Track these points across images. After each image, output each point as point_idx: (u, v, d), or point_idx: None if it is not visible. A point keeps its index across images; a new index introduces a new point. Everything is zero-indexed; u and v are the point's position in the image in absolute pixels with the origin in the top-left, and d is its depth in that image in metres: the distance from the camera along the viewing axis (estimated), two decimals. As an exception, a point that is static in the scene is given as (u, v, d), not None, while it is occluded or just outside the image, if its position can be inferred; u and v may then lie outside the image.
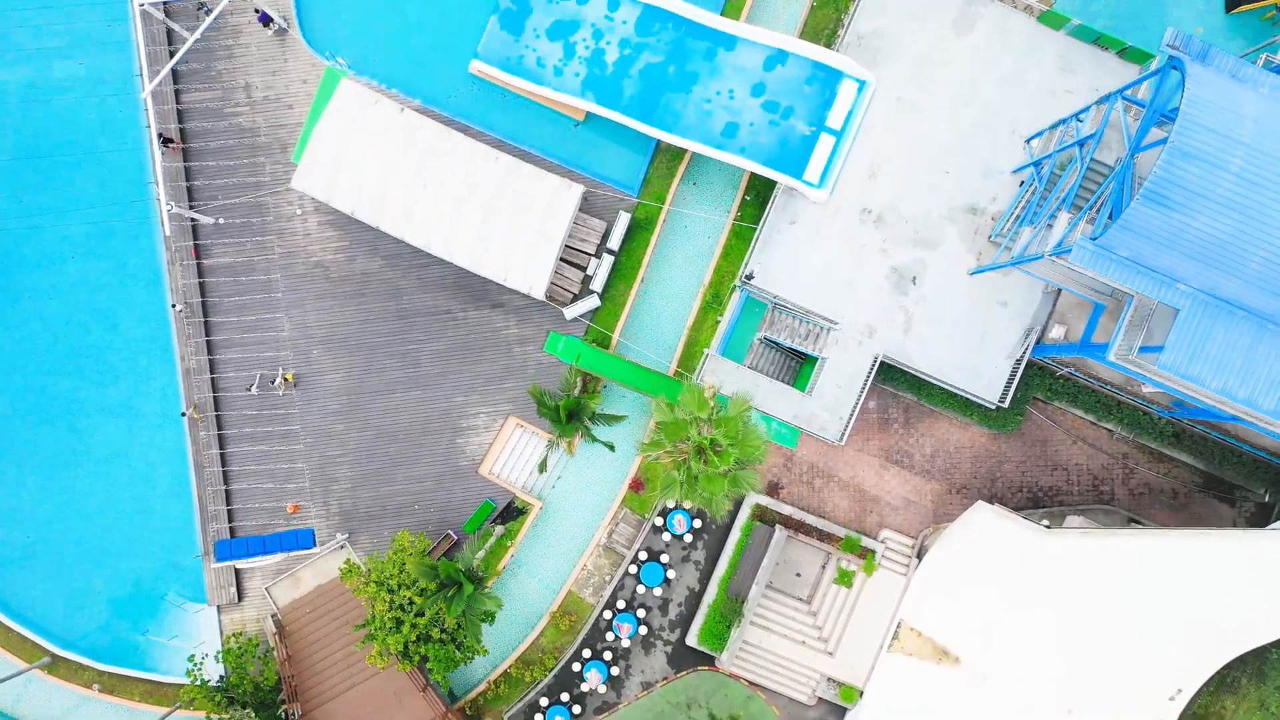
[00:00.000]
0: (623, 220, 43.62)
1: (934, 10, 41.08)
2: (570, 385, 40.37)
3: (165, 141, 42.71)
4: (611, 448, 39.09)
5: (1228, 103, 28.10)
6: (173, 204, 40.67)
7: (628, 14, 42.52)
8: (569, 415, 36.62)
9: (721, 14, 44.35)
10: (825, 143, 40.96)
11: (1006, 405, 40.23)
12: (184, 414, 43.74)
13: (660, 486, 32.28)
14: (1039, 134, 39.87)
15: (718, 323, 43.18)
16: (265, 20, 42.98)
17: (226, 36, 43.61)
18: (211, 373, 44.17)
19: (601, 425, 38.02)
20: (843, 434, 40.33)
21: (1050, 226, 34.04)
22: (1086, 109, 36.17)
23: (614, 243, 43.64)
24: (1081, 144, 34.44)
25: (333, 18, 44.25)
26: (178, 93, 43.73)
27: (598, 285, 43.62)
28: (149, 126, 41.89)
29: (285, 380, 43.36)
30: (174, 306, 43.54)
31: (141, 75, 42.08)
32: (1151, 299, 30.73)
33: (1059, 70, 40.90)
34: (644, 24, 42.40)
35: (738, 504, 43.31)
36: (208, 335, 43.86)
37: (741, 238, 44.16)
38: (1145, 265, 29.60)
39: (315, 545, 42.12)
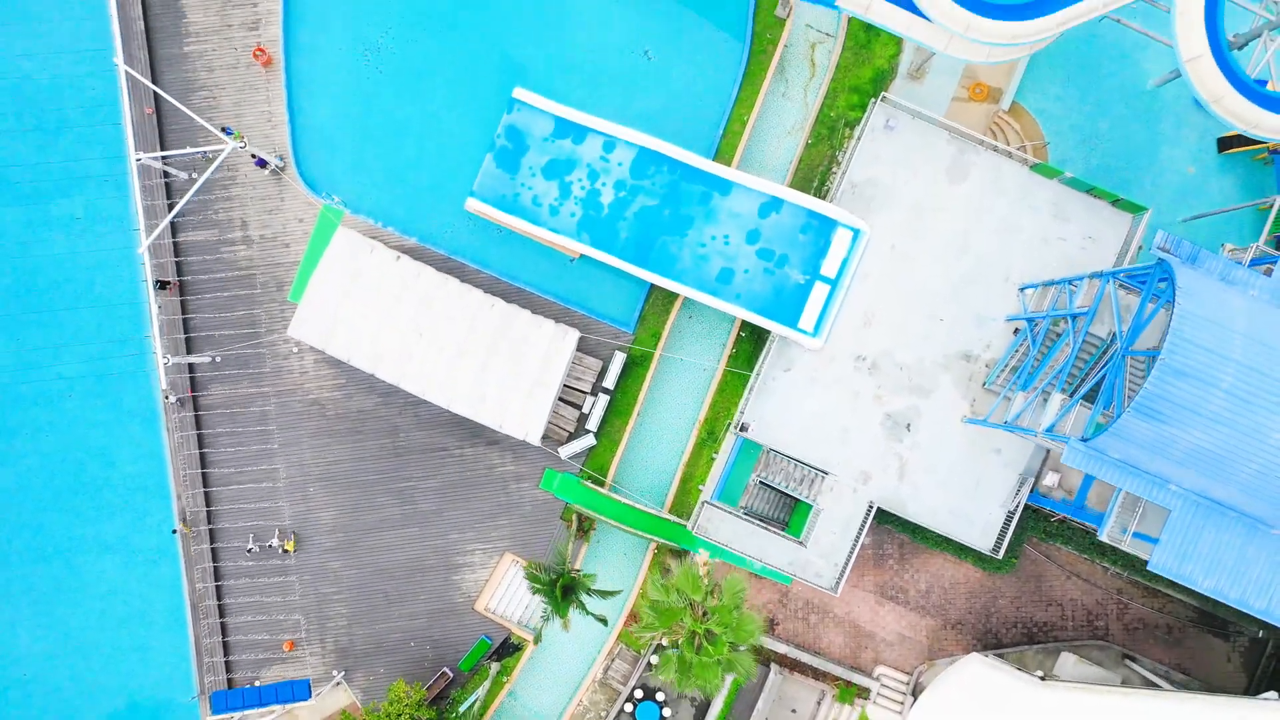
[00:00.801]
0: (618, 360, 43.79)
1: (927, 159, 41.30)
2: (563, 558, 40.52)
3: (161, 285, 42.84)
4: (604, 622, 39.31)
5: (1218, 314, 28.28)
6: (169, 356, 40.78)
7: (623, 156, 42.69)
8: (564, 591, 36.81)
9: (716, 151, 44.76)
10: (820, 291, 41.14)
11: (1001, 556, 40.38)
12: (174, 531, 43.78)
13: (659, 669, 32.40)
14: (1033, 285, 40.07)
15: (713, 459, 43.33)
16: (261, 164, 43.12)
17: (223, 175, 43.74)
18: (208, 509, 44.26)
19: (596, 599, 38.23)
20: (838, 583, 40.43)
21: (1044, 402, 34.20)
22: (1080, 278, 36.34)
23: (609, 382, 43.80)
24: (1074, 317, 34.64)
25: (329, 155, 44.41)
26: (174, 229, 43.80)
27: (593, 424, 43.77)
28: (145, 280, 42.04)
29: (285, 550, 43.60)
30: (171, 439, 43.73)
31: (139, 230, 42.20)
32: (1144, 492, 30.92)
33: (1053, 218, 41.12)
34: (639, 166, 42.57)
35: (733, 643, 43.41)
36: (205, 477, 43.95)
37: (738, 374, 44.33)
38: (1137, 468, 29.73)
39: (310, 697, 42.18)
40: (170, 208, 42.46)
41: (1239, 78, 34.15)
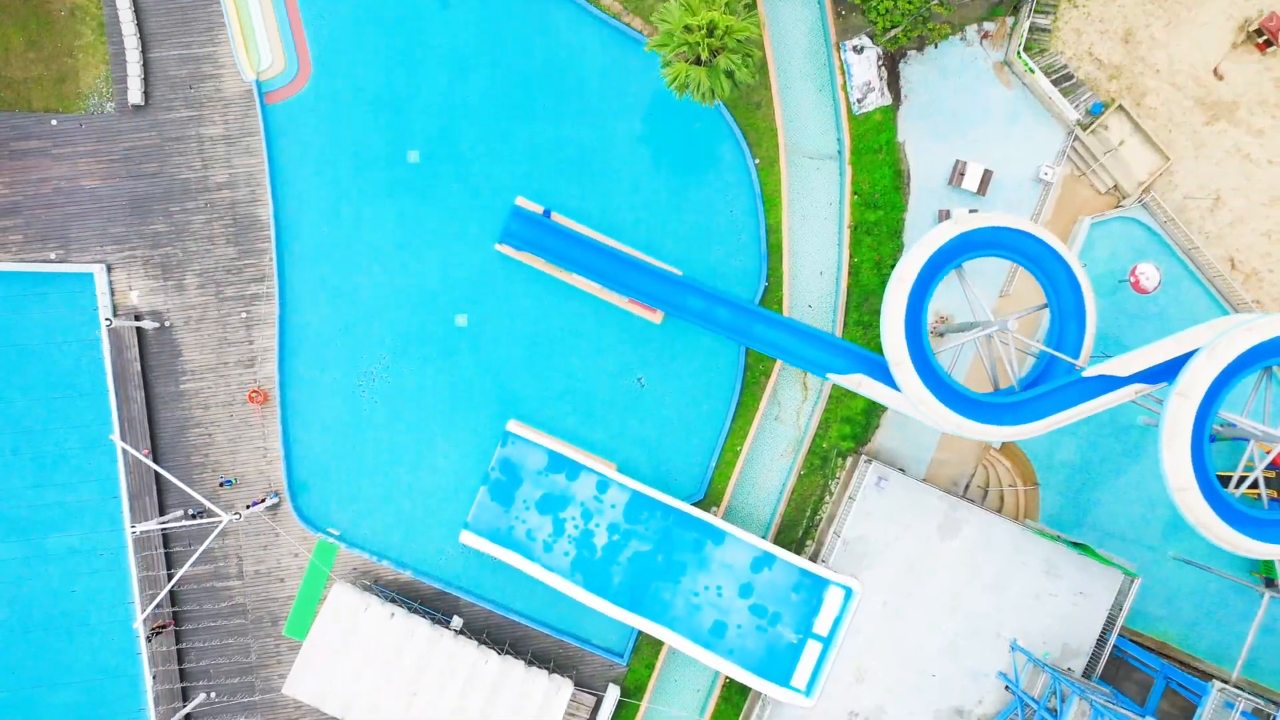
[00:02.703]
0: (612, 695, 43.82)
1: (918, 515, 41.58)
2: None
3: (157, 631, 42.93)
4: None
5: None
6: (164, 705, 40.89)
7: (617, 497, 42.93)
8: None
9: (710, 479, 44.95)
10: (813, 649, 41.29)
11: None
12: None
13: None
14: (1025, 652, 40.28)
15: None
16: (255, 505, 43.31)
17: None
18: (201, 840, 44.20)
19: None
20: None
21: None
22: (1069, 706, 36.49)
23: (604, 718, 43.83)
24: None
25: (323, 487, 44.59)
26: (169, 561, 43.89)
27: (587, 763, 43.77)
28: (140, 639, 42.23)
29: None
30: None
31: (134, 603, 42.39)
32: None
33: (1044, 574, 41.38)
34: (633, 510, 42.80)
35: None
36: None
37: (731, 702, 44.46)
38: None
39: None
40: (169, 561, 42.64)
41: (1226, 505, 34.42)
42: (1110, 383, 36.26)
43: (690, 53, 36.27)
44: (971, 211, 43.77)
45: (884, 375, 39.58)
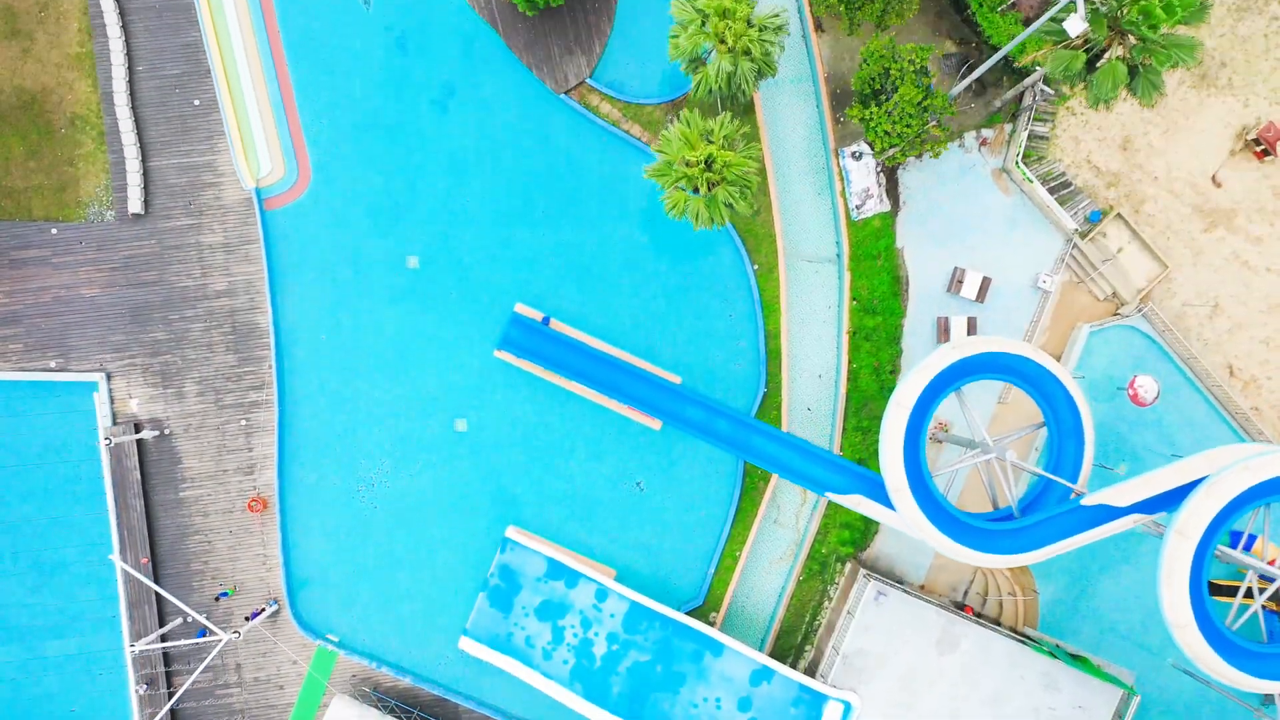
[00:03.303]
0: (611, 808, 43.73)
1: (917, 631, 41.58)
2: None
3: (156, 746, 43.01)
4: None
5: None
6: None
7: (615, 607, 42.95)
8: None
9: (709, 584, 44.95)
10: (813, 767, 41.28)
11: None
12: None
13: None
14: (1023, 768, 40.29)
15: None
16: (255, 616, 43.35)
17: (218, 623, 43.88)
18: None
19: None
20: None
21: None
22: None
23: (603, 829, 43.74)
24: None
25: (322, 593, 44.59)
26: (166, 659, 43.92)
27: None
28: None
29: None
30: None
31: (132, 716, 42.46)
32: None
33: (1043, 688, 41.37)
34: (631, 619, 42.81)
35: None
36: None
37: (729, 809, 44.37)
38: None
39: None
40: (167, 660, 42.71)
41: (1225, 641, 34.40)
42: (1108, 512, 36.26)
43: (689, 184, 36.34)
44: (969, 320, 43.87)
45: (882, 496, 39.63)
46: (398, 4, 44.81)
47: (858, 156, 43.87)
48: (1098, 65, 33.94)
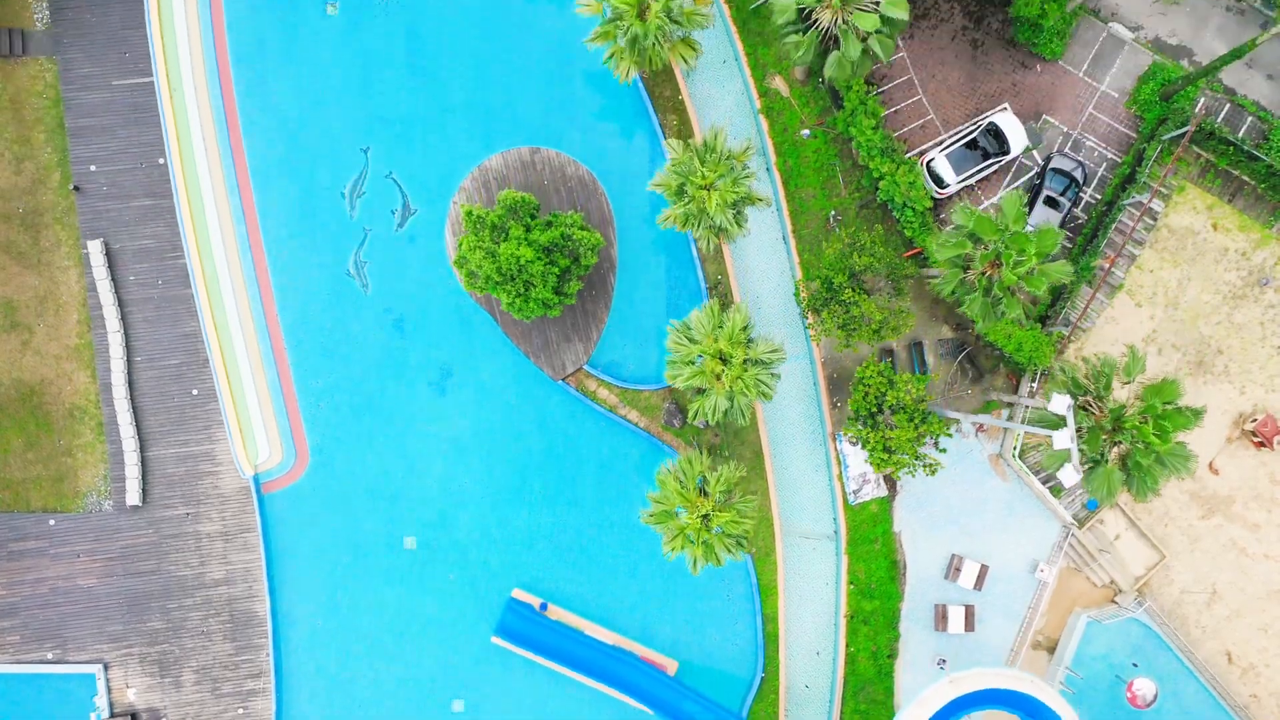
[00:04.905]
0: None
1: None
2: None
3: None
4: None
5: None
6: None
7: None
8: None
9: None
10: None
11: None
12: None
13: None
14: None
15: None
16: None
17: None
18: None
19: None
20: None
21: None
22: None
23: None
24: None
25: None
26: None
27: None
28: None
29: None
30: None
31: None
32: None
33: None
34: None
35: None
36: None
37: None
38: None
39: None
40: None
41: None
42: None
43: (686, 539, 36.43)
44: (967, 610, 43.80)
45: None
46: (396, 288, 44.97)
47: (855, 442, 43.90)
48: (1096, 469, 34.14)
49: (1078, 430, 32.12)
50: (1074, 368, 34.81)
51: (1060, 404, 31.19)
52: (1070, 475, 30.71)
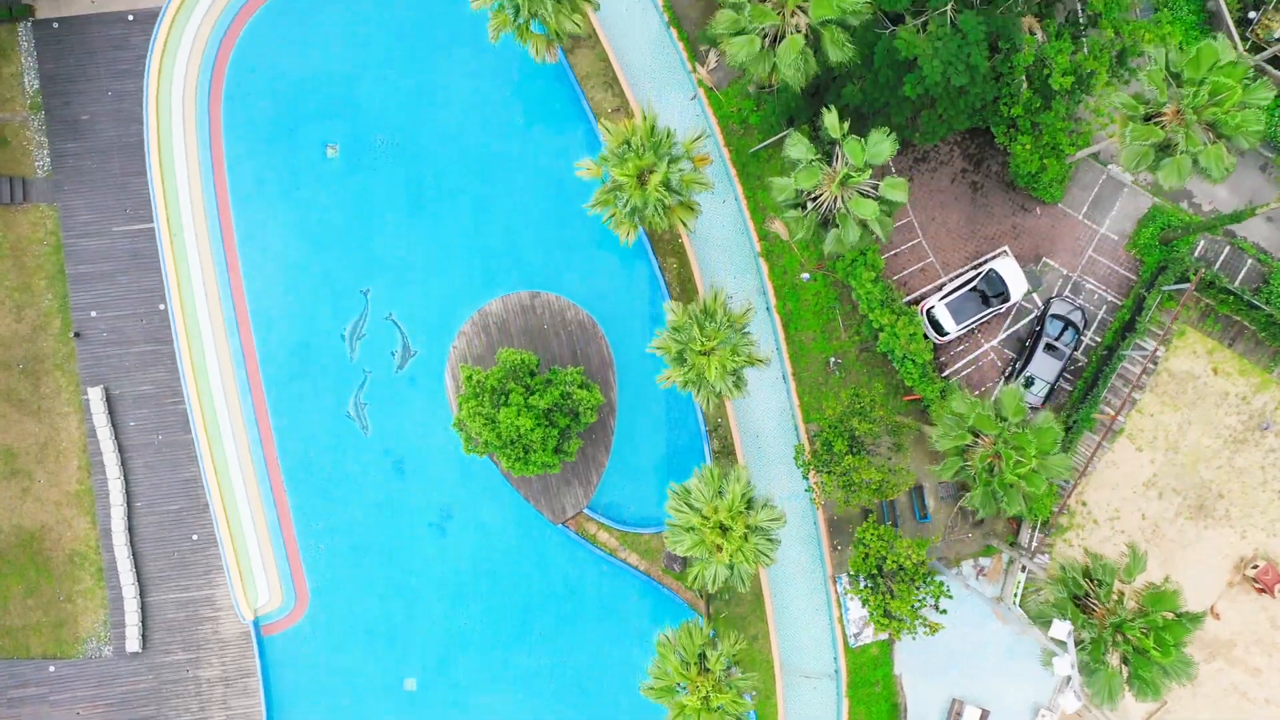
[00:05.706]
0: None
1: None
2: None
3: None
4: None
5: None
6: None
7: None
8: None
9: None
10: None
11: None
12: None
13: None
14: None
15: None
16: None
17: None
18: None
19: None
20: None
21: None
22: None
23: None
24: None
25: None
26: None
27: None
28: None
29: None
30: None
31: None
32: None
33: None
34: None
35: None
36: None
37: None
38: None
39: None
40: None
41: None
42: None
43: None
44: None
45: None
46: (396, 429, 44.99)
47: (854, 599, 43.82)
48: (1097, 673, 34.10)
49: (1079, 643, 32.07)
50: (1075, 567, 34.77)
51: (1061, 630, 31.17)
52: (1065, 666, 30.69)
